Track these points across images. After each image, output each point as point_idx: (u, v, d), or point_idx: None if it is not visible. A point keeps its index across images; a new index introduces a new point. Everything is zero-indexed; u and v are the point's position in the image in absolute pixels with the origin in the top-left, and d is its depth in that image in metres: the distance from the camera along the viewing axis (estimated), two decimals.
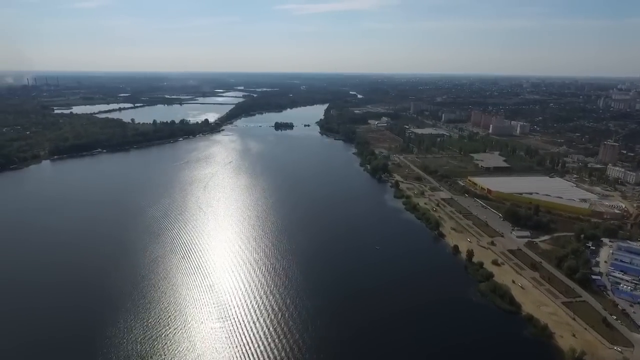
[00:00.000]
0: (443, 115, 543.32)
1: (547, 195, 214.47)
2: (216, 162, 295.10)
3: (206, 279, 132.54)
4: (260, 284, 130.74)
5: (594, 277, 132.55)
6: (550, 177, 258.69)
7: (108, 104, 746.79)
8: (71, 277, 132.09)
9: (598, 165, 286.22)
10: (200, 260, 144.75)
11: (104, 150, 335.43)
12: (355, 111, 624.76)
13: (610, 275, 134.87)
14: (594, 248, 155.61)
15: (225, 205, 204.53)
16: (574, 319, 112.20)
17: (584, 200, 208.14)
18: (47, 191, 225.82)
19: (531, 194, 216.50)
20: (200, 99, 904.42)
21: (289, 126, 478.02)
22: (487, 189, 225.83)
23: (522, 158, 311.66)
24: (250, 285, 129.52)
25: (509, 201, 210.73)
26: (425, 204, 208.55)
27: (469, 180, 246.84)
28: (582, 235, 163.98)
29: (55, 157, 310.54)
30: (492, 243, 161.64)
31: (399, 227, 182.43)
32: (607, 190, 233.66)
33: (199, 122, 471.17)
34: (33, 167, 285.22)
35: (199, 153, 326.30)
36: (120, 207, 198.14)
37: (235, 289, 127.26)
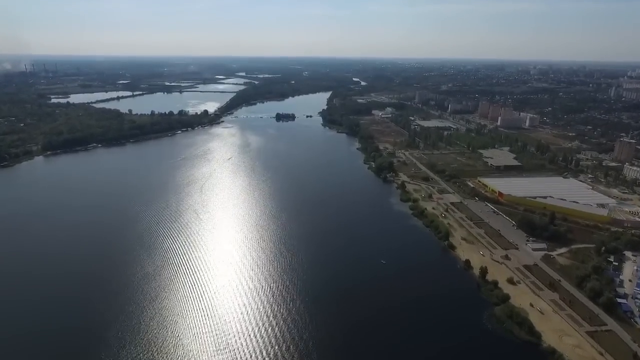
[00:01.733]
0: (449, 105, 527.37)
1: (562, 199, 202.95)
2: (214, 159, 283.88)
3: (201, 300, 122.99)
4: (261, 305, 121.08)
5: (619, 300, 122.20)
6: (563, 177, 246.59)
7: (106, 92, 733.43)
8: (48, 296, 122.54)
9: (614, 164, 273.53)
10: (195, 277, 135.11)
11: (99, 145, 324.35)
12: (359, 100, 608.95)
13: (637, 298, 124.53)
14: (616, 264, 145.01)
15: (222, 209, 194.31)
16: (601, 353, 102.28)
17: (602, 206, 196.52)
18: (35, 193, 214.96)
19: (545, 197, 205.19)
20: (201, 87, 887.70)
21: (291, 117, 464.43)
22: (498, 192, 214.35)
23: (533, 155, 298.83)
24: (249, 307, 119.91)
25: (522, 206, 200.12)
26: (433, 208, 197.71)
27: (479, 181, 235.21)
28: (603, 248, 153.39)
29: (49, 152, 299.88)
30: (507, 257, 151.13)
31: (406, 236, 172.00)
32: (625, 192, 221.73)
33: (198, 112, 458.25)
34: (25, 163, 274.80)
35: (196, 148, 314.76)
36: (112, 212, 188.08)
37: (234, 312, 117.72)
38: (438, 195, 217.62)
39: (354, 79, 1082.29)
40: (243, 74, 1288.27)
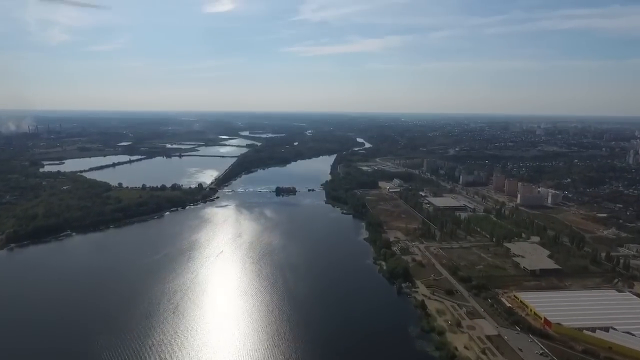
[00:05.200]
0: (460, 176, 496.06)
1: (629, 333, 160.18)
2: (199, 257, 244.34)
3: None
4: None
5: None
6: (617, 290, 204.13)
7: (105, 156, 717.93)
8: None
9: None
10: None
11: (73, 233, 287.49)
12: (364, 168, 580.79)
13: None
14: None
15: (196, 347, 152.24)
16: None
17: None
18: None
19: (607, 330, 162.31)
20: (202, 149, 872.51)
21: (292, 191, 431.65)
22: (544, 318, 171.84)
23: (569, 250, 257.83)
24: None
25: (578, 342, 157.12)
26: (465, 347, 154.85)
27: (515, 297, 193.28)
28: None
29: (13, 245, 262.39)
30: None
31: None
32: None
33: (192, 186, 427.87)
34: None
35: (182, 240, 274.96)
36: (60, 351, 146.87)
37: None
38: (468, 321, 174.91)
39: (357, 139, 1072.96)
40: (247, 133, 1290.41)
